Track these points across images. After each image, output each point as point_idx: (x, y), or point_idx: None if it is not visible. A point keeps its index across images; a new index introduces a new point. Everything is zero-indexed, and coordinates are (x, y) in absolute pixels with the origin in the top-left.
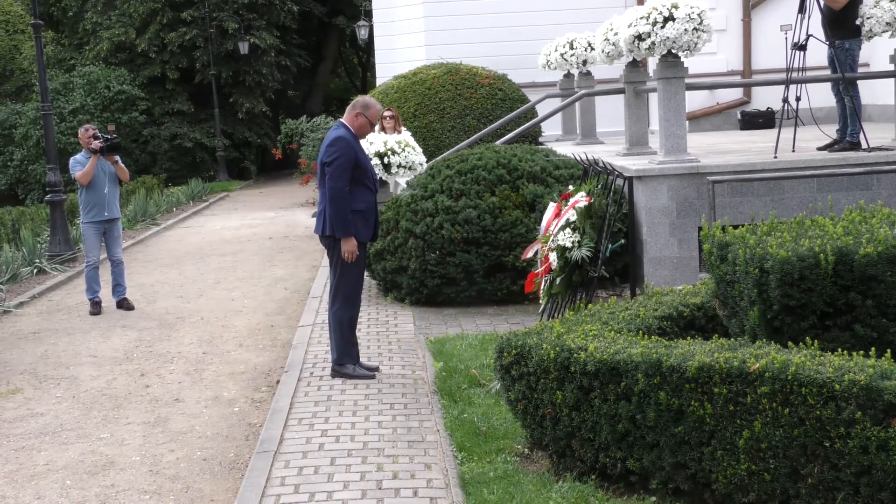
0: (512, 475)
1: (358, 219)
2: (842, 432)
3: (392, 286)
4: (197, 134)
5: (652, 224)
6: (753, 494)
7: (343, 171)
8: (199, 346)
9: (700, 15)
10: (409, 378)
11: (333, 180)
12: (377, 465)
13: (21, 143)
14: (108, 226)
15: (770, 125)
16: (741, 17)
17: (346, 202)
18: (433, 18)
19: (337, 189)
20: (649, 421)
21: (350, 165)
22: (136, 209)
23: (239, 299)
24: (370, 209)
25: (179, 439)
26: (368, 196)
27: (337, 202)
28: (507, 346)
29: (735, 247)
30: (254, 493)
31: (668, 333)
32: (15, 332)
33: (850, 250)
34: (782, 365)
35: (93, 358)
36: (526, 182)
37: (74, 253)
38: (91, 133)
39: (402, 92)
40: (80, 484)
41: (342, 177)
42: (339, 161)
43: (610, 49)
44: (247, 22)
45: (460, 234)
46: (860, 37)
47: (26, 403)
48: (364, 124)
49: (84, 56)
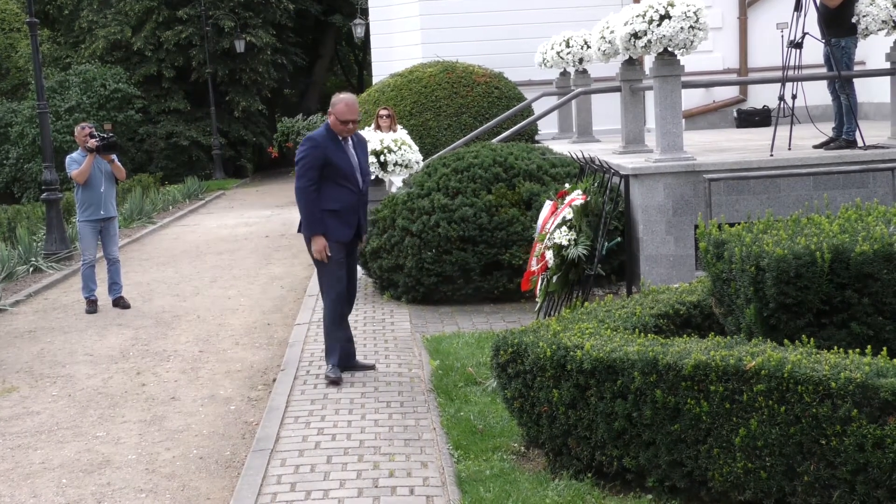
0: (508, 473)
1: (331, 218)
2: (838, 430)
3: (388, 284)
4: (193, 132)
5: (648, 222)
6: (749, 492)
7: (306, 170)
8: (196, 344)
9: (696, 13)
10: (406, 376)
11: (297, 179)
12: (374, 463)
13: (17, 142)
14: (104, 224)
15: (766, 123)
16: (737, 14)
17: (310, 201)
18: (429, 16)
19: (299, 188)
20: (646, 419)
21: (316, 165)
22: (132, 207)
23: (235, 298)
24: (347, 209)
25: (176, 438)
26: (344, 195)
27: (301, 201)
28: (504, 344)
29: (731, 245)
30: (250, 491)
31: (665, 331)
32: (11, 330)
33: (846, 248)
34: (778, 363)
35: (89, 356)
36: (522, 180)
37: (70, 251)
38: (87, 132)
39: (398, 90)
40: (76, 482)
41: (304, 176)
42: (302, 161)
43: (606, 47)
44: (243, 20)
45: (457, 233)
46: (856, 35)
47: (22, 402)
48: (334, 122)
49: (80, 54)
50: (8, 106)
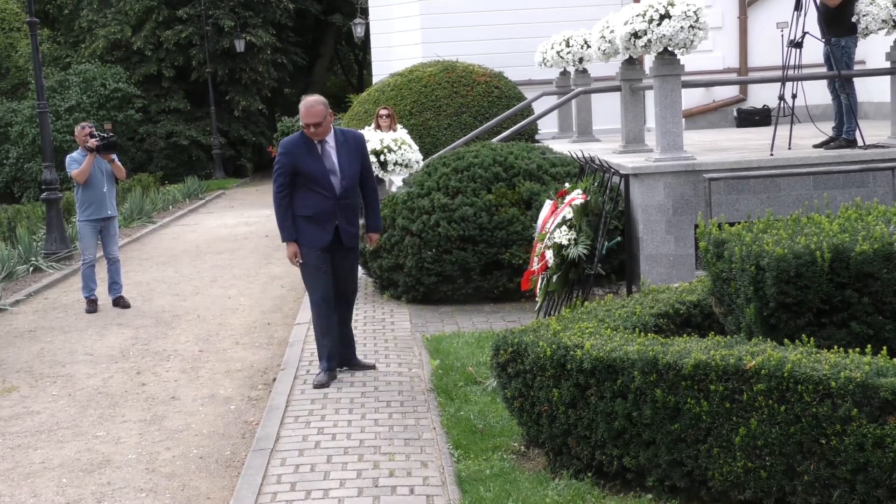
0: (508, 473)
1: (306, 223)
2: (838, 429)
3: (388, 284)
4: (193, 132)
5: (648, 221)
6: (749, 492)
7: (276, 176)
8: (196, 344)
9: (696, 12)
10: (406, 376)
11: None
12: (374, 462)
13: (17, 141)
14: (104, 224)
15: (766, 123)
16: (737, 14)
17: (280, 207)
18: (429, 16)
19: (273, 194)
20: (646, 418)
21: (285, 171)
22: (132, 207)
23: (235, 297)
24: (321, 214)
25: (176, 437)
26: (318, 201)
27: (274, 206)
28: (504, 344)
29: (731, 244)
30: (250, 490)
31: (665, 331)
32: (11, 330)
33: (846, 248)
34: (778, 362)
35: (89, 356)
36: (522, 180)
37: (70, 251)
38: (88, 131)
39: (398, 90)
40: (76, 482)
41: (276, 182)
42: (275, 167)
43: (606, 47)
44: (243, 19)
45: (457, 232)
46: (856, 34)
47: (22, 402)
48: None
49: (80, 54)
50: (8, 105)
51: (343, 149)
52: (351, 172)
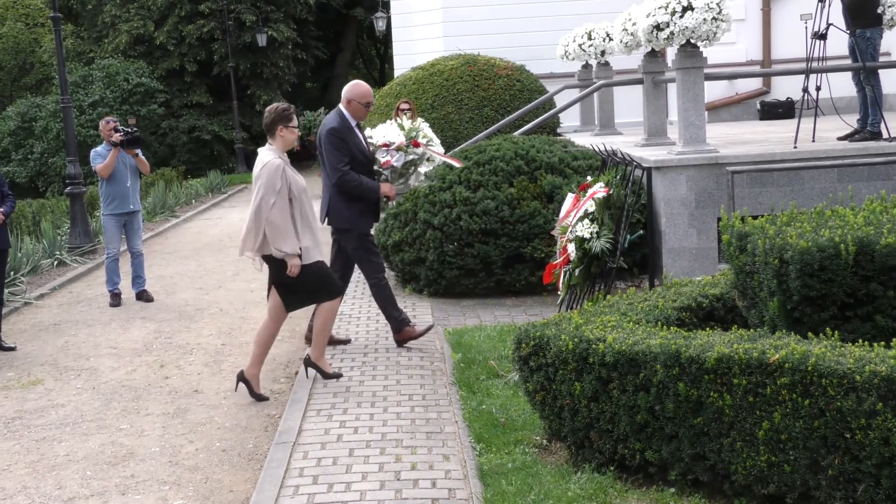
0: (530, 466)
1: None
2: (862, 423)
3: (410, 278)
4: (215, 126)
5: (671, 215)
6: (773, 486)
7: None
8: (218, 337)
9: (719, 4)
10: (428, 369)
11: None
12: (395, 456)
13: (41, 136)
14: (128, 218)
15: (790, 115)
16: (760, 6)
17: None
18: (451, 10)
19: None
20: (668, 412)
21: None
22: (155, 201)
23: (258, 291)
24: None
25: (199, 430)
26: None
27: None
28: (526, 337)
29: (754, 237)
30: (273, 483)
31: (687, 324)
32: (36, 323)
33: (871, 240)
34: (802, 356)
35: (112, 349)
36: (544, 173)
37: (94, 245)
38: (112, 126)
39: (419, 83)
40: (100, 474)
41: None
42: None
43: (628, 39)
44: (264, 14)
45: (478, 226)
46: (881, 25)
47: (47, 394)
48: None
49: (103, 49)
50: (32, 101)
51: None
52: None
